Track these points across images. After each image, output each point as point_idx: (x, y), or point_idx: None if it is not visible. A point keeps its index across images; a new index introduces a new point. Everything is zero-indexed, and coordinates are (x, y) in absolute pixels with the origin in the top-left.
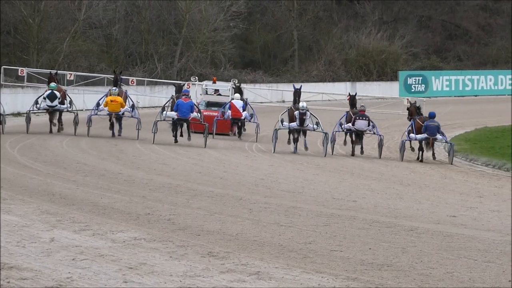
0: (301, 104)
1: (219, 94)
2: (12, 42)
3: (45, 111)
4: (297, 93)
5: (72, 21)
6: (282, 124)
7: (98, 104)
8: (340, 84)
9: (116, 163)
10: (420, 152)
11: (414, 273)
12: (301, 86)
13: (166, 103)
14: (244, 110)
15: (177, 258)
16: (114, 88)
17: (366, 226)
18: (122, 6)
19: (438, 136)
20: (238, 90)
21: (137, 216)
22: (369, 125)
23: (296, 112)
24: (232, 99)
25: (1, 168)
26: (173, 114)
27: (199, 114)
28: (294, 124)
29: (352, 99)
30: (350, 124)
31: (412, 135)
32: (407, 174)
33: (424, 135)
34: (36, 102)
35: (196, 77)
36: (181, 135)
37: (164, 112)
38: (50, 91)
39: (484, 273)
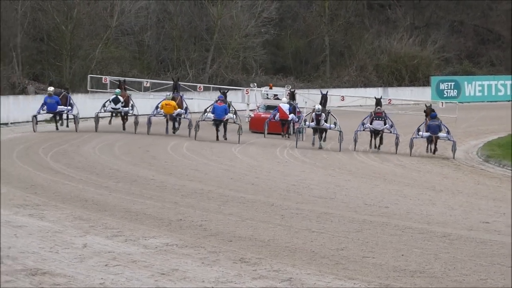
0: (316, 106)
1: (277, 98)
2: (45, 49)
3: (110, 112)
4: (323, 97)
5: (105, 27)
6: (304, 124)
7: (156, 107)
8: (372, 90)
9: (148, 169)
10: (428, 145)
11: (447, 280)
12: (327, 91)
13: (208, 107)
14: (291, 113)
15: (209, 264)
16: (169, 93)
17: (399, 232)
18: (154, 13)
19: (441, 134)
20: (292, 95)
21: (169, 222)
22: (385, 124)
23: (313, 114)
24: (279, 99)
25: (34, 174)
26: (211, 116)
27: (234, 116)
28: (312, 124)
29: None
30: (369, 124)
31: (420, 133)
32: (440, 180)
33: (428, 133)
34: (104, 105)
35: (255, 84)
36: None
37: (205, 114)
38: (114, 96)
39: None
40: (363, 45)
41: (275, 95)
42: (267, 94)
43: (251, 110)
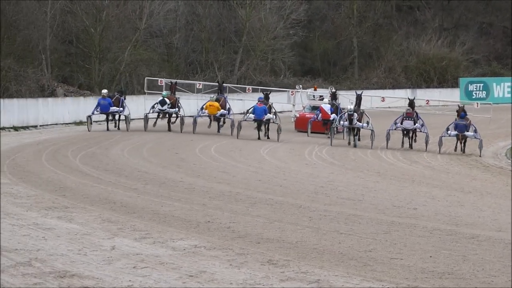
0: (348, 107)
1: (322, 99)
2: (74, 52)
3: (157, 113)
4: (358, 98)
5: (133, 30)
6: (338, 123)
7: (201, 108)
8: (400, 91)
9: (176, 171)
10: (457, 144)
11: (476, 282)
12: (362, 91)
13: (250, 108)
14: (333, 113)
15: (237, 266)
16: (212, 95)
17: (427, 234)
18: (182, 15)
19: (468, 133)
20: (333, 96)
21: (197, 224)
22: (414, 124)
23: (346, 114)
24: (323, 100)
25: (63, 177)
26: (252, 116)
27: (274, 116)
28: (346, 123)
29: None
30: (399, 124)
31: (449, 131)
32: (468, 181)
33: (455, 132)
34: (153, 107)
35: (301, 86)
36: (267, 137)
37: (247, 114)
38: (161, 98)
39: None
40: (391, 46)
41: (321, 96)
42: (313, 96)
43: (297, 111)
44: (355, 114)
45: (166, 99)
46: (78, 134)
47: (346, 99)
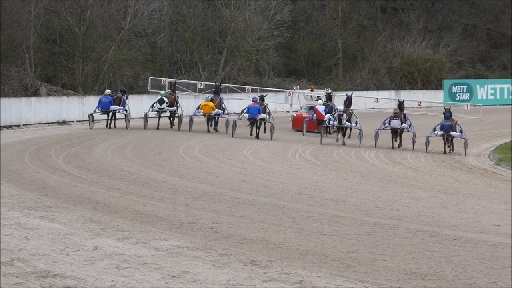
0: (338, 107)
1: (320, 99)
2: (58, 51)
3: (156, 112)
4: (348, 99)
5: (118, 30)
6: (329, 123)
7: (198, 108)
8: (384, 93)
9: (160, 172)
10: (444, 145)
11: (458, 283)
12: (352, 93)
13: (245, 108)
14: (327, 113)
15: (220, 267)
16: (207, 96)
17: (410, 235)
18: (167, 15)
19: (453, 133)
20: (329, 97)
21: (180, 224)
22: (401, 124)
23: (336, 114)
24: (321, 100)
25: (46, 176)
26: (246, 115)
27: (268, 116)
28: (335, 123)
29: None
30: (388, 124)
31: (435, 132)
32: (451, 183)
33: (441, 132)
34: (152, 106)
35: (298, 86)
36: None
37: (242, 114)
38: (160, 97)
39: None
40: (375, 48)
41: (318, 96)
42: (311, 96)
43: (294, 111)
44: (344, 114)
45: (164, 98)
46: (61, 134)
47: (342, 100)
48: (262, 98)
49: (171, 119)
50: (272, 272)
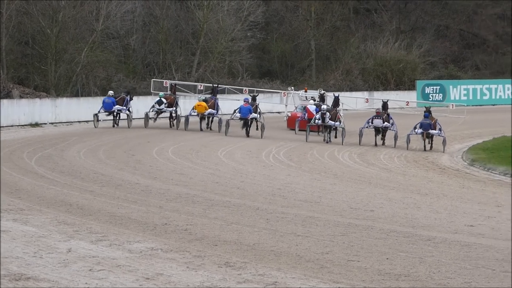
0: (323, 106)
1: (314, 99)
2: (30, 53)
3: (156, 112)
4: (335, 99)
5: (90, 31)
6: (314, 122)
7: (193, 108)
8: (358, 94)
9: (133, 173)
10: (424, 143)
11: (432, 283)
12: (339, 94)
13: (237, 108)
14: (317, 113)
15: (194, 269)
16: (200, 96)
17: (384, 236)
18: (139, 17)
19: (432, 131)
20: (322, 97)
21: (154, 226)
22: (383, 122)
23: (320, 112)
24: (315, 101)
25: (19, 179)
26: (238, 115)
27: (258, 115)
28: (319, 121)
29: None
30: (371, 122)
31: (416, 130)
32: (425, 183)
33: (421, 130)
34: (152, 106)
35: (293, 87)
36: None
37: (234, 114)
38: (158, 98)
39: (502, 283)
40: (349, 49)
41: (312, 97)
42: (306, 97)
43: (289, 111)
44: (328, 113)
45: (163, 99)
46: (34, 136)
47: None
48: (254, 98)
49: (171, 118)
50: (247, 274)
